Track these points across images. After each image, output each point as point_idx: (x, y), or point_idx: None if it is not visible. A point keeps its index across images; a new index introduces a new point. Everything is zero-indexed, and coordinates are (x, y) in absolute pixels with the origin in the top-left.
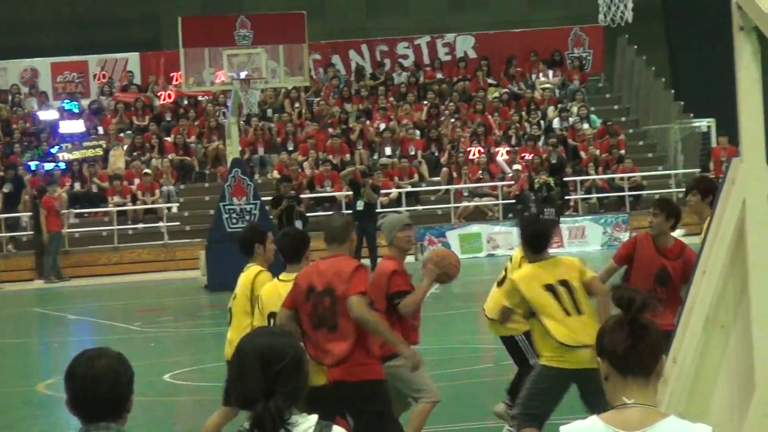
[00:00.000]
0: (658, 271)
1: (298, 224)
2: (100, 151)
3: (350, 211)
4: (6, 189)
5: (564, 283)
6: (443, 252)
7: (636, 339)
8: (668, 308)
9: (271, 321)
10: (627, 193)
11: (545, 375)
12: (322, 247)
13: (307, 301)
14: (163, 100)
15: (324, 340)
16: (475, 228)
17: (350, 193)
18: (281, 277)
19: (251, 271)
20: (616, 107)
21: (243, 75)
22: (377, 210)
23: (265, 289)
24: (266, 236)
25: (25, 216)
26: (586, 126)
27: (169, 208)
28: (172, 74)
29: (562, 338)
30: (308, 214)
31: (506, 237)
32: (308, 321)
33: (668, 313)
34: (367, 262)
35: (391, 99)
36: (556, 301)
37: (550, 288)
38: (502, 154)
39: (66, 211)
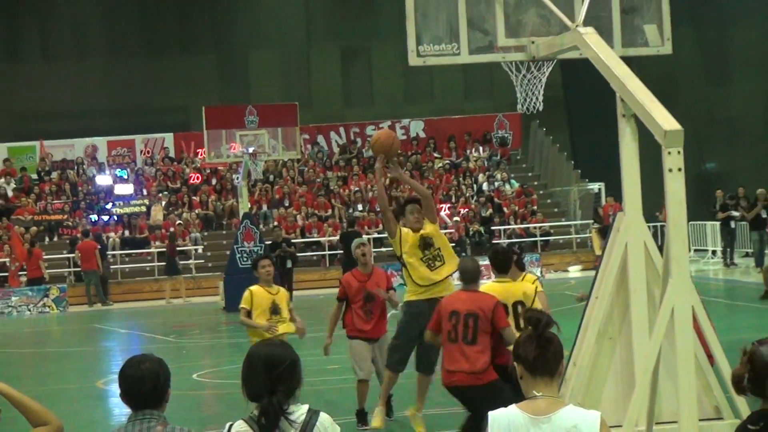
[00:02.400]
0: None
1: (288, 263)
2: (143, 208)
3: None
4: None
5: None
6: (375, 139)
7: (542, 349)
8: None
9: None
10: (539, 238)
11: None
12: (308, 278)
13: (448, 321)
14: (192, 181)
15: (459, 350)
16: None
17: (334, 238)
18: (495, 280)
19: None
20: (530, 174)
21: (251, 150)
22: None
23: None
24: (257, 264)
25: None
26: (507, 188)
27: (196, 250)
28: (198, 150)
29: None
30: (299, 254)
31: None
32: (446, 336)
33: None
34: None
35: (362, 168)
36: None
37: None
38: (445, 209)
39: (112, 252)
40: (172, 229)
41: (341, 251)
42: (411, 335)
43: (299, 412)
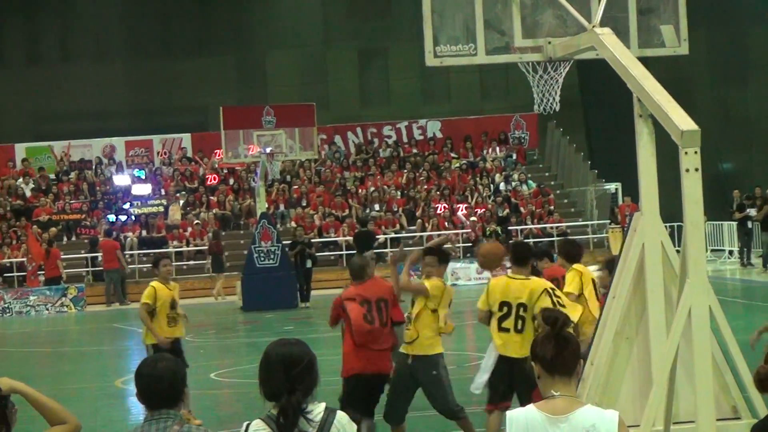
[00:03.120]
0: None
1: (309, 263)
2: (161, 208)
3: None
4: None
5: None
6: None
7: (560, 348)
8: None
9: (504, 308)
10: (555, 238)
11: None
12: (325, 277)
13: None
14: (209, 181)
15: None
16: None
17: (349, 238)
18: (509, 274)
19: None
20: (546, 174)
21: (268, 150)
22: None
23: (494, 282)
24: (158, 262)
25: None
26: (524, 188)
27: None
28: (215, 150)
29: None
30: (317, 254)
31: (465, 271)
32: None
33: None
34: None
35: (379, 169)
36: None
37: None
38: (461, 209)
39: (130, 252)
40: (215, 228)
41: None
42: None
43: (317, 410)
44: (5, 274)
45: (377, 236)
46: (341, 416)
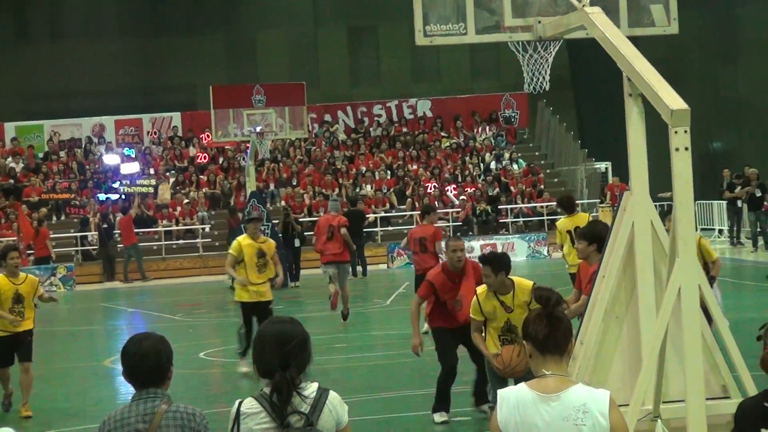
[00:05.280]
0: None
1: (297, 242)
2: (151, 189)
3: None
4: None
5: None
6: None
7: (552, 327)
8: None
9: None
10: (545, 217)
11: None
12: (315, 257)
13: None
14: (200, 160)
15: None
16: None
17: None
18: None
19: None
20: (536, 153)
21: (258, 129)
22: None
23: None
24: (6, 254)
25: (93, 234)
26: (515, 167)
27: (203, 229)
28: (205, 130)
29: None
30: (306, 233)
31: None
32: None
33: None
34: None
35: (368, 147)
36: None
37: None
38: (451, 189)
39: (119, 231)
40: (232, 203)
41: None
42: None
43: (310, 389)
44: None
45: (367, 216)
46: (333, 396)
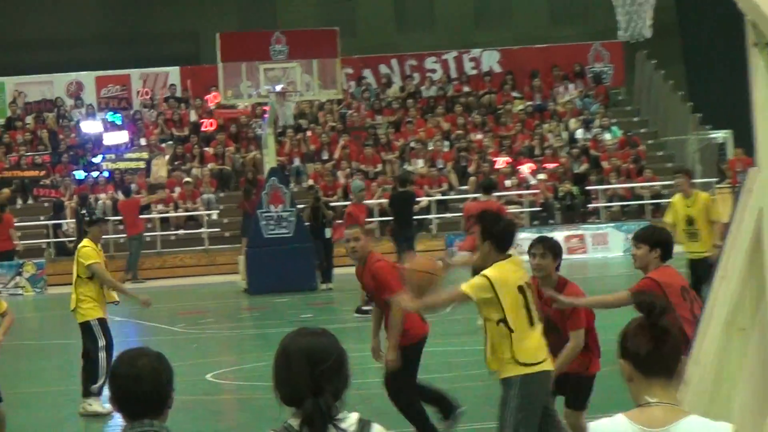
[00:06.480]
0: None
1: (328, 232)
2: (142, 164)
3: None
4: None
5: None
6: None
7: (658, 342)
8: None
9: None
10: (647, 201)
11: None
12: None
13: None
14: (206, 127)
15: None
16: None
17: (384, 201)
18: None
19: None
20: (635, 119)
21: (278, 88)
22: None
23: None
24: None
25: (69, 222)
26: (607, 137)
27: (209, 216)
28: (211, 89)
29: None
30: (340, 221)
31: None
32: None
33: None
34: None
35: (420, 111)
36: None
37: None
38: (527, 165)
39: (109, 218)
40: (249, 175)
41: (392, 218)
42: None
43: (349, 420)
44: None
45: (419, 198)
46: (378, 429)
